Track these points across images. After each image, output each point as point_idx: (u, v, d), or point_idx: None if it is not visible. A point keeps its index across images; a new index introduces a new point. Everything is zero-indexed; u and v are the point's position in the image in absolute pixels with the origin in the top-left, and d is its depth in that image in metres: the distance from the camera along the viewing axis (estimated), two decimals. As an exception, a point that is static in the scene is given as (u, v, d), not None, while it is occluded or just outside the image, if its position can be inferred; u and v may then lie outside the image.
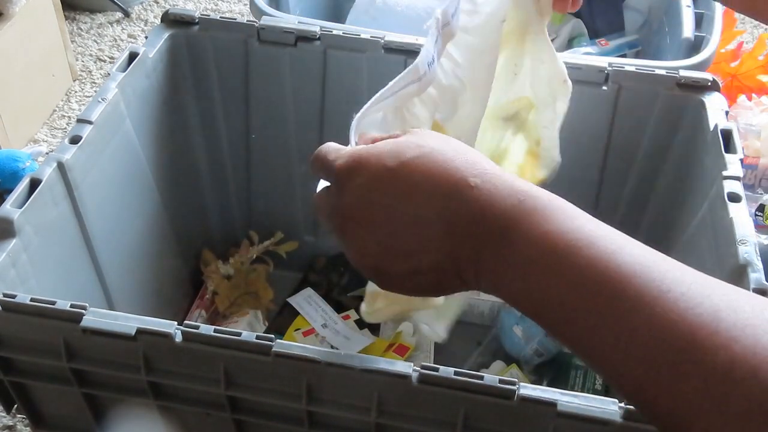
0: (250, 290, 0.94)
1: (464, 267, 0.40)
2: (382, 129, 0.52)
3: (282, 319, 0.91)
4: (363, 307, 0.59)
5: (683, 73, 0.76)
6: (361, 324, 0.90)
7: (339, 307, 0.92)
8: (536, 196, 0.39)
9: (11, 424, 0.83)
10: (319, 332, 0.88)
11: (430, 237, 0.40)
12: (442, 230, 0.39)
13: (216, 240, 0.97)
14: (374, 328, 0.91)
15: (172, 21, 0.82)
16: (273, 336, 0.51)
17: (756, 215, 0.94)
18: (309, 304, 0.92)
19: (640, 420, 0.47)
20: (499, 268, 0.39)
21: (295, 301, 0.92)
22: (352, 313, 0.91)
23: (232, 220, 0.96)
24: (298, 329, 0.89)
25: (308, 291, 0.93)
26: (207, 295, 0.91)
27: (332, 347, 0.86)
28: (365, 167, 0.40)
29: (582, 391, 0.83)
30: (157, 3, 1.54)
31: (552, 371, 0.87)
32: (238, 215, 0.96)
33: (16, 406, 0.61)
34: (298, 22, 0.82)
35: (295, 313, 0.91)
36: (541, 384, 0.86)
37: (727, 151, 0.68)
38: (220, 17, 0.81)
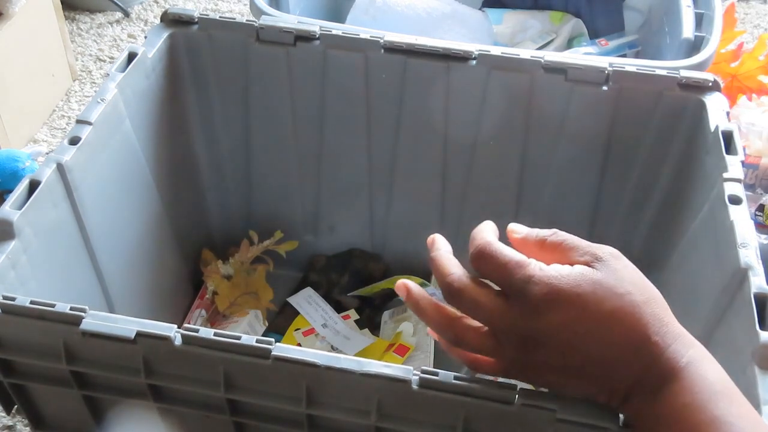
0: (250, 290, 0.93)
1: (615, 392, 0.46)
2: None
3: (282, 319, 0.91)
4: None
5: (684, 73, 0.76)
6: (361, 324, 0.90)
7: (339, 307, 0.92)
8: (699, 358, 0.45)
9: (11, 424, 0.83)
10: (319, 332, 0.88)
11: (603, 372, 0.45)
12: (616, 369, 0.45)
13: (216, 240, 0.97)
14: (374, 328, 0.91)
15: (172, 20, 0.81)
16: (272, 339, 0.51)
17: (756, 215, 0.94)
18: (309, 303, 0.92)
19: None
20: (646, 411, 0.45)
21: (295, 300, 0.92)
22: (352, 312, 0.91)
23: (232, 220, 0.96)
24: (298, 329, 0.89)
25: (308, 291, 0.93)
26: (207, 295, 0.91)
27: (332, 347, 0.86)
28: (565, 306, 0.44)
29: (582, 392, 0.83)
30: (157, 3, 1.53)
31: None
32: (238, 215, 0.96)
33: (15, 407, 0.61)
34: (298, 22, 0.82)
35: (295, 313, 0.91)
36: (541, 385, 0.86)
37: (728, 152, 0.68)
38: (220, 17, 0.81)
